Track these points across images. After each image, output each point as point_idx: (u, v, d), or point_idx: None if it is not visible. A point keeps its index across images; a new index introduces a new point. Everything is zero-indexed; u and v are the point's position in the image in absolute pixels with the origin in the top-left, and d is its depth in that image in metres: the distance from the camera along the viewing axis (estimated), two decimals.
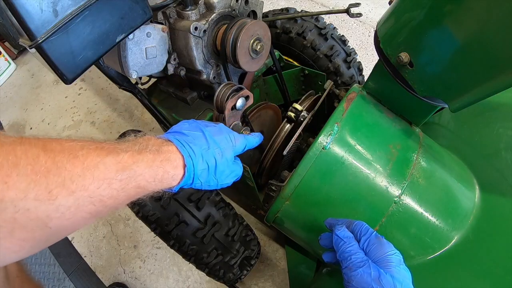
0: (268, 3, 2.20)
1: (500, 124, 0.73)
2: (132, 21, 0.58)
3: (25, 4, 0.44)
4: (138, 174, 0.38)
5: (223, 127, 0.54)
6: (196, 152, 0.45)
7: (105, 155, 0.36)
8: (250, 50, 0.68)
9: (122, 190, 0.36)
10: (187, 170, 0.44)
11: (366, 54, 1.81)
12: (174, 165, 0.43)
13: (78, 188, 0.32)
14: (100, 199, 0.34)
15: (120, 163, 0.36)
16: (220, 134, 0.51)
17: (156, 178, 0.41)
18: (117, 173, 0.36)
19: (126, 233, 1.39)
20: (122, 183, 0.36)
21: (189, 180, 0.46)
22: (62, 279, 1.31)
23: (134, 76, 0.68)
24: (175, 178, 0.44)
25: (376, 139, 0.67)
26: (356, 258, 0.48)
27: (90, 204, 0.34)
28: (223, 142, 0.50)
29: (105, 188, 0.35)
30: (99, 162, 0.34)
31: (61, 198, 0.31)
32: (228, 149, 0.50)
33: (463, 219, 0.64)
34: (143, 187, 0.39)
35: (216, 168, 0.48)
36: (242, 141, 0.55)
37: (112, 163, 0.36)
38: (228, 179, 0.52)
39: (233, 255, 0.82)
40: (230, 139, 0.52)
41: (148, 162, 0.40)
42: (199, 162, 0.46)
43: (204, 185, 0.49)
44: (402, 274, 0.46)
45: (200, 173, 0.46)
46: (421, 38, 0.52)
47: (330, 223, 0.58)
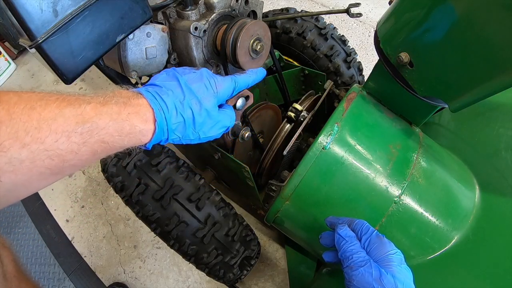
0: (268, 3, 2.20)
1: (500, 124, 0.73)
2: (132, 21, 0.58)
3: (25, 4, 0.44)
4: (100, 128, 0.35)
5: (205, 72, 0.48)
6: (168, 105, 0.42)
7: (65, 106, 0.33)
8: (250, 50, 0.68)
9: (83, 144, 0.34)
10: (158, 125, 0.40)
11: (366, 54, 1.81)
12: (143, 119, 0.39)
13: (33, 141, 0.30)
14: (58, 153, 0.32)
15: (81, 115, 0.34)
16: (198, 81, 0.45)
17: (121, 132, 0.37)
18: (77, 125, 0.33)
19: (126, 233, 1.39)
20: (83, 136, 0.34)
21: (163, 136, 0.42)
22: (62, 279, 1.31)
23: (134, 76, 0.68)
24: (144, 134, 0.40)
25: (376, 139, 0.67)
26: (357, 258, 0.48)
27: (47, 158, 0.32)
28: (201, 90, 0.45)
29: (64, 141, 0.32)
30: (57, 114, 0.32)
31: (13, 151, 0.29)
32: (207, 97, 0.45)
33: (463, 219, 0.64)
34: (108, 142, 0.36)
35: (194, 120, 0.44)
36: (227, 85, 0.49)
37: (71, 114, 0.33)
38: (212, 131, 0.47)
39: (233, 255, 0.82)
40: (210, 85, 0.46)
41: (113, 115, 0.36)
42: (172, 115, 0.42)
43: (184, 140, 0.45)
44: (404, 274, 0.46)
45: (175, 128, 0.42)
46: (421, 38, 0.52)
47: (331, 222, 0.58)
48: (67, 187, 1.56)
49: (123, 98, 0.39)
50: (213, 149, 0.79)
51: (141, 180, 0.76)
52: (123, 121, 0.37)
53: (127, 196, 0.77)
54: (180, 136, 0.44)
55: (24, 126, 0.30)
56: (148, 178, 0.76)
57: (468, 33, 0.45)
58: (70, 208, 1.50)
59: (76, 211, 1.48)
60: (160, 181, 0.76)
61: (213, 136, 0.49)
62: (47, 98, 0.33)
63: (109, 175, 0.79)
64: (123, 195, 0.79)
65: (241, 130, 0.73)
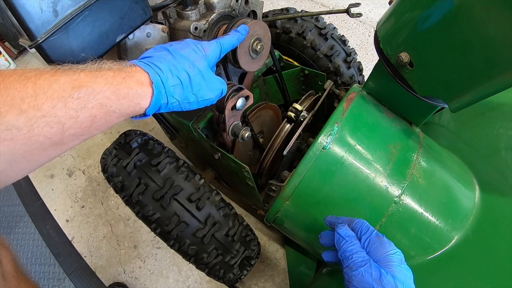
0: (268, 3, 2.20)
1: (500, 124, 0.73)
2: (132, 21, 0.58)
3: (25, 4, 0.44)
4: (97, 92, 0.35)
5: (189, 40, 0.50)
6: (163, 69, 0.42)
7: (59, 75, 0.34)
8: (250, 50, 0.68)
9: (81, 109, 0.34)
10: (155, 87, 0.41)
11: (366, 54, 1.81)
12: (139, 82, 0.40)
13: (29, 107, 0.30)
14: (57, 120, 0.32)
15: (76, 80, 0.34)
16: (186, 47, 0.47)
17: (118, 95, 0.37)
18: (73, 90, 0.33)
19: (126, 233, 1.39)
20: (80, 101, 0.34)
21: (162, 99, 0.42)
22: (62, 279, 1.31)
23: None
24: (142, 96, 0.40)
25: (376, 139, 0.67)
26: (357, 258, 0.48)
27: (46, 125, 0.31)
28: (191, 54, 0.47)
29: (61, 107, 0.32)
30: (52, 81, 0.32)
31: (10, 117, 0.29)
32: (199, 60, 0.47)
33: (463, 219, 0.64)
34: (105, 105, 0.36)
35: (191, 81, 0.45)
36: (214, 47, 0.50)
37: (66, 81, 0.33)
38: (208, 93, 0.48)
39: (233, 255, 0.82)
40: (198, 49, 0.48)
41: (108, 79, 0.37)
42: (169, 77, 0.43)
43: (183, 104, 0.46)
44: (404, 274, 0.46)
45: (172, 90, 0.43)
46: (421, 38, 0.52)
47: (330, 221, 0.58)
48: (67, 187, 1.57)
49: (117, 65, 0.40)
50: (213, 149, 0.79)
51: (141, 180, 0.76)
52: (118, 84, 0.37)
53: (127, 196, 0.77)
54: (179, 100, 0.45)
55: (19, 94, 0.30)
56: (148, 178, 0.76)
57: (468, 33, 0.45)
58: (70, 208, 1.50)
59: (76, 211, 1.48)
60: (160, 181, 0.76)
61: (210, 100, 0.50)
62: (41, 70, 0.33)
63: (109, 175, 0.79)
64: (123, 195, 0.79)
65: (241, 130, 0.73)
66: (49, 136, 0.32)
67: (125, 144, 0.81)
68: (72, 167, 1.63)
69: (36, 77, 0.32)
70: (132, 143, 0.80)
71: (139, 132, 0.85)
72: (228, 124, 0.71)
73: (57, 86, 0.32)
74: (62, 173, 1.62)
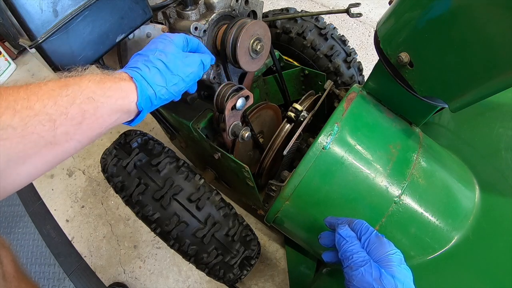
0: (268, 3, 2.20)
1: (500, 124, 0.73)
2: (132, 21, 0.58)
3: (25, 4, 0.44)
4: (83, 88, 0.39)
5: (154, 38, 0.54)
6: (138, 66, 0.47)
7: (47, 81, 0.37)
8: (250, 50, 0.68)
9: (70, 106, 0.37)
10: (135, 79, 0.44)
11: (366, 54, 1.81)
12: (120, 78, 0.43)
13: (22, 108, 0.33)
14: (48, 118, 0.35)
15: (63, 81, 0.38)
16: (152, 43, 0.52)
17: (103, 88, 0.41)
18: (61, 89, 0.37)
19: (126, 233, 1.39)
20: (69, 98, 0.37)
21: (147, 90, 0.46)
22: (62, 279, 1.31)
23: None
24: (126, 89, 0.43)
25: (376, 139, 0.67)
26: (357, 258, 0.48)
27: (38, 124, 0.34)
28: (159, 45, 0.50)
29: (52, 105, 0.35)
30: (42, 85, 0.36)
31: (5, 117, 0.32)
32: (167, 46, 0.50)
33: (463, 219, 0.64)
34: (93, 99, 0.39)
35: (167, 66, 0.48)
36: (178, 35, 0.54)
37: (54, 83, 0.37)
38: (188, 68, 0.52)
39: (233, 255, 0.82)
40: (163, 38, 0.52)
41: (91, 77, 0.41)
42: (145, 70, 0.46)
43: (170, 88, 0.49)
44: (403, 274, 0.46)
45: (153, 79, 0.46)
46: (421, 38, 0.52)
47: (330, 222, 0.58)
48: (67, 187, 1.57)
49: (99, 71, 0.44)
50: (213, 149, 0.79)
51: (141, 180, 0.76)
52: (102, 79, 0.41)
53: (127, 196, 0.77)
54: (164, 86, 0.48)
55: (13, 98, 0.33)
56: (148, 178, 0.76)
57: (468, 33, 0.46)
58: (70, 208, 1.50)
59: (76, 211, 1.48)
60: (160, 181, 0.76)
61: (194, 73, 0.53)
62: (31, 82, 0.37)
63: (109, 175, 0.79)
64: (123, 195, 0.79)
65: (241, 130, 0.73)
66: (42, 134, 0.35)
67: (125, 144, 0.81)
68: (72, 167, 1.63)
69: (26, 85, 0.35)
70: (132, 143, 0.80)
71: (139, 132, 0.85)
72: (228, 124, 0.71)
73: (46, 88, 0.36)
74: (62, 173, 1.62)
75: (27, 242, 1.43)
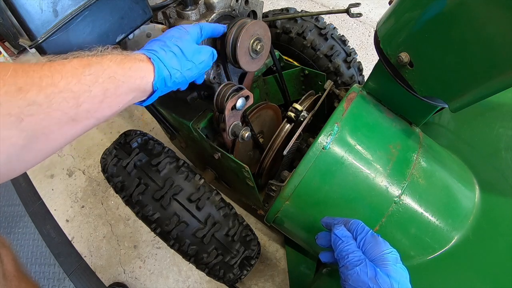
0: (268, 3, 2.20)
1: (500, 124, 0.73)
2: (132, 21, 0.58)
3: (25, 4, 0.44)
4: (105, 68, 0.40)
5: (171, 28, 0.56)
6: (155, 49, 0.49)
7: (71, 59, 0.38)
8: (250, 50, 0.68)
9: (93, 84, 0.38)
10: (153, 60, 0.46)
11: (366, 54, 1.81)
12: (139, 59, 0.45)
13: (47, 85, 0.34)
14: (72, 95, 0.36)
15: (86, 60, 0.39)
16: (169, 32, 0.54)
17: (124, 67, 0.42)
18: (84, 68, 0.38)
19: (126, 233, 1.39)
20: (91, 77, 0.38)
21: (163, 71, 0.48)
22: (62, 279, 1.31)
23: None
24: (145, 70, 0.45)
25: (376, 139, 0.67)
26: (353, 257, 0.49)
27: (62, 100, 0.35)
28: (176, 33, 0.53)
29: (76, 83, 0.36)
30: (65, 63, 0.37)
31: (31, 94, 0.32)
32: (183, 35, 0.53)
33: (463, 219, 0.64)
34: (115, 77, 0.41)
35: (182, 51, 0.51)
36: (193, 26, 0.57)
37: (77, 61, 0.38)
38: (201, 56, 0.54)
39: (233, 255, 0.82)
40: (179, 29, 0.55)
41: (112, 57, 0.42)
42: (162, 53, 0.48)
43: (185, 72, 0.51)
44: (399, 273, 0.46)
45: (169, 61, 0.49)
46: (421, 38, 0.52)
47: (326, 222, 0.58)
48: (67, 187, 1.57)
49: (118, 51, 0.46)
50: (213, 149, 0.79)
51: (141, 180, 0.76)
52: (122, 59, 0.43)
53: (127, 196, 0.77)
54: (179, 69, 0.50)
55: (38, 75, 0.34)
56: (148, 178, 0.76)
57: (468, 33, 0.46)
58: (70, 208, 1.50)
59: (76, 211, 1.48)
60: (160, 181, 0.76)
61: (205, 62, 0.56)
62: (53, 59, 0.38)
63: (109, 175, 0.79)
64: (123, 195, 0.79)
65: (241, 130, 0.73)
66: (66, 110, 0.36)
67: (125, 144, 0.81)
68: (72, 167, 1.63)
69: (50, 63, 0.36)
70: (132, 143, 0.80)
71: (139, 132, 0.85)
72: (228, 124, 0.71)
73: (70, 66, 0.37)
74: (62, 173, 1.62)
75: (27, 242, 1.43)
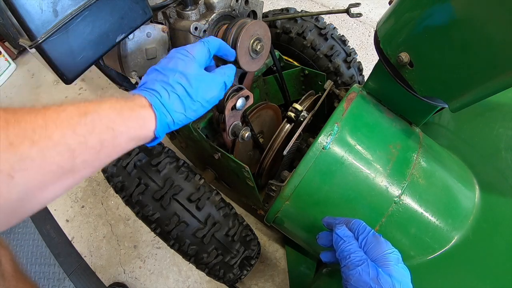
0: (268, 3, 2.20)
1: (500, 124, 0.73)
2: (132, 21, 0.58)
3: (25, 4, 0.44)
4: (102, 116, 0.37)
5: (173, 50, 0.50)
6: (157, 89, 0.44)
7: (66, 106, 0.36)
8: (250, 50, 0.68)
9: (89, 135, 0.35)
10: (155, 107, 0.43)
11: (366, 54, 1.81)
12: (140, 105, 0.42)
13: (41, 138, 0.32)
14: (67, 148, 0.34)
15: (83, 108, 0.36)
16: (172, 60, 0.48)
17: (123, 116, 0.39)
18: (80, 117, 0.35)
19: (126, 233, 1.38)
20: (88, 127, 0.36)
21: (166, 117, 0.44)
22: (62, 279, 1.31)
23: (134, 76, 0.68)
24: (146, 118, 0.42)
25: (376, 139, 0.67)
26: (355, 257, 0.48)
27: (57, 154, 0.33)
28: (179, 64, 0.47)
29: (70, 134, 0.34)
30: (60, 111, 0.34)
31: (23, 149, 0.30)
32: (188, 66, 0.47)
33: (463, 219, 0.64)
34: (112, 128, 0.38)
35: (187, 91, 0.46)
36: (199, 47, 0.50)
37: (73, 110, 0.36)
38: (210, 92, 0.49)
39: (233, 255, 0.82)
40: (183, 55, 0.48)
41: (111, 104, 0.39)
42: (165, 96, 0.44)
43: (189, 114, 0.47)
44: (401, 273, 0.46)
45: (172, 106, 0.44)
46: (421, 38, 0.52)
47: (327, 222, 0.58)
48: None
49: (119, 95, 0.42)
50: (213, 149, 0.79)
51: (141, 180, 0.76)
52: (121, 107, 0.40)
53: (127, 196, 0.77)
54: (183, 112, 0.46)
55: (31, 126, 0.31)
56: (148, 178, 0.76)
57: (468, 33, 0.46)
58: (70, 208, 1.50)
59: (76, 211, 1.48)
60: (160, 181, 0.76)
61: (215, 97, 0.50)
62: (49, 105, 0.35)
63: (109, 175, 0.79)
64: (123, 195, 0.79)
65: (241, 130, 0.73)
66: (61, 164, 0.33)
67: None
68: None
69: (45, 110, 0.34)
70: None
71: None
72: (228, 124, 0.71)
73: (65, 115, 0.34)
74: None
75: (27, 242, 1.43)
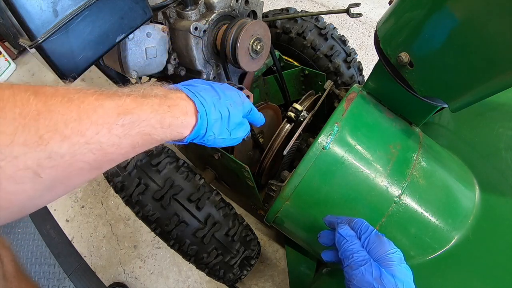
0: (268, 3, 2.20)
1: (500, 124, 0.73)
2: (132, 21, 0.58)
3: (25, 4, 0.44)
4: (142, 119, 0.34)
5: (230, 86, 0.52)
6: (207, 100, 0.42)
7: (104, 98, 0.32)
8: (250, 50, 0.68)
9: (124, 136, 0.33)
10: (200, 117, 0.41)
11: (366, 54, 1.81)
12: (184, 111, 0.40)
13: (73, 133, 0.29)
14: (100, 147, 0.31)
15: (122, 106, 0.33)
16: (230, 90, 0.49)
17: (163, 124, 0.37)
18: (118, 117, 0.32)
19: (126, 233, 1.38)
20: (124, 128, 0.33)
21: (202, 130, 0.42)
22: (62, 279, 1.31)
23: (134, 76, 0.68)
24: (185, 125, 0.40)
25: (376, 139, 0.67)
26: (358, 257, 0.48)
27: (88, 152, 0.30)
28: (234, 96, 0.48)
29: (105, 134, 0.31)
30: (97, 106, 0.31)
31: (53, 144, 0.27)
32: (238, 104, 0.49)
33: (463, 219, 0.64)
34: (149, 133, 0.36)
35: (229, 118, 0.46)
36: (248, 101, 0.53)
37: (112, 106, 0.32)
38: (239, 132, 0.50)
39: (233, 255, 0.82)
40: (239, 95, 0.51)
41: (154, 106, 0.36)
42: (212, 110, 0.43)
43: (217, 139, 0.46)
44: (404, 273, 0.46)
45: (213, 123, 0.43)
46: (421, 38, 0.52)
47: (329, 221, 0.58)
48: None
49: (162, 92, 0.39)
50: (213, 149, 0.79)
51: (141, 180, 0.76)
52: (164, 113, 0.37)
53: (127, 196, 0.77)
54: (215, 134, 0.45)
55: (63, 118, 0.28)
56: (148, 178, 0.76)
57: (468, 33, 0.45)
58: (70, 208, 1.50)
59: (76, 211, 1.48)
60: (160, 181, 0.76)
61: (238, 139, 0.51)
62: (85, 91, 0.32)
63: (109, 175, 0.79)
64: (123, 195, 0.79)
65: None
66: (89, 162, 0.31)
67: None
68: None
69: (80, 100, 0.30)
70: None
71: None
72: None
73: (102, 111, 0.31)
74: None
75: (27, 242, 1.43)
